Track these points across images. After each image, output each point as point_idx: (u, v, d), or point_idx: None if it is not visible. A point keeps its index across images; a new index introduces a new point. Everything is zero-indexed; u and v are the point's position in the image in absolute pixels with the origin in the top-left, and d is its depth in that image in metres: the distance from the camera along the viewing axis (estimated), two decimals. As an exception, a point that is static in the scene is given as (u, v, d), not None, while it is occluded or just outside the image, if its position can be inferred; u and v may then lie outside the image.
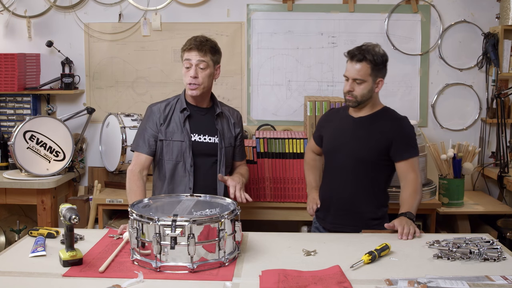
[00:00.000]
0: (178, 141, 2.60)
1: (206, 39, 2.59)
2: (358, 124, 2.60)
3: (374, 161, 2.56)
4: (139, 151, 2.63)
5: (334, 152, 2.65)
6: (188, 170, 2.60)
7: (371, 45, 2.54)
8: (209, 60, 2.56)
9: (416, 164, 2.56)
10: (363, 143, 2.56)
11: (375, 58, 2.51)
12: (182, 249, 1.85)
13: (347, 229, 2.50)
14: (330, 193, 2.66)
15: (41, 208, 3.46)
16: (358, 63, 2.51)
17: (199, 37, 2.59)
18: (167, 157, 2.62)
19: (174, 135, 2.61)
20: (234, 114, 2.76)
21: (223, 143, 2.66)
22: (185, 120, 2.62)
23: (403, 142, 2.54)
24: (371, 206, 2.59)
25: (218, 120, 2.68)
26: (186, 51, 2.57)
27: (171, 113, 2.65)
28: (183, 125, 2.62)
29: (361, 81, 2.51)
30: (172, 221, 1.84)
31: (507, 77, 3.71)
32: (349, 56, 2.55)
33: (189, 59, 2.54)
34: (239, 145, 2.78)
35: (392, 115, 2.63)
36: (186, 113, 2.63)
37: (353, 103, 2.56)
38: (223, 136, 2.66)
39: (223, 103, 2.79)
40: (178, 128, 2.62)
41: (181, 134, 2.61)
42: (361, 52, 2.51)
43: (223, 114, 2.71)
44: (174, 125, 2.62)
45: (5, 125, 3.82)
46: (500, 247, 2.10)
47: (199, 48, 2.53)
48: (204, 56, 2.54)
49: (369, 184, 2.58)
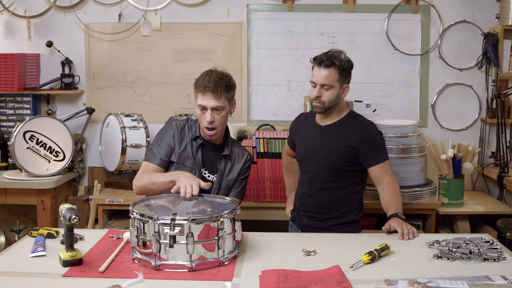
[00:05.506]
0: (189, 168, 2.52)
1: (220, 77, 2.46)
2: (325, 133, 2.61)
3: (344, 168, 2.57)
4: (149, 162, 2.54)
5: (305, 161, 2.68)
6: None
7: (337, 51, 2.56)
8: (224, 101, 2.46)
9: (388, 167, 2.57)
10: (331, 152, 2.57)
11: (343, 64, 2.52)
12: (181, 248, 1.86)
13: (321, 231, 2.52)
14: (305, 198, 2.69)
15: (41, 208, 3.46)
16: (326, 69, 2.51)
17: (213, 74, 2.47)
18: None
19: (187, 161, 2.54)
20: (243, 158, 2.65)
21: (220, 184, 2.57)
22: (198, 149, 2.55)
23: (370, 149, 2.54)
24: (345, 211, 2.61)
25: (222, 160, 2.59)
26: (200, 93, 2.46)
27: (187, 138, 2.57)
28: (196, 154, 2.55)
29: (329, 86, 2.52)
30: (171, 219, 1.85)
31: (507, 77, 3.71)
32: (317, 62, 2.55)
33: (204, 105, 2.45)
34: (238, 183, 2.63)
35: (358, 121, 2.63)
36: (199, 141, 2.56)
37: (320, 109, 2.57)
38: (222, 177, 2.58)
39: (235, 142, 2.70)
40: (190, 155, 2.55)
41: (193, 162, 2.54)
42: (329, 58, 2.51)
43: (230, 157, 2.61)
44: (188, 150, 2.55)
45: (5, 125, 3.82)
46: (500, 247, 2.10)
47: (214, 90, 2.43)
48: (219, 99, 2.44)
49: (343, 189, 2.60)
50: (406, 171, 3.25)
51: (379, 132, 2.64)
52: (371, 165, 2.55)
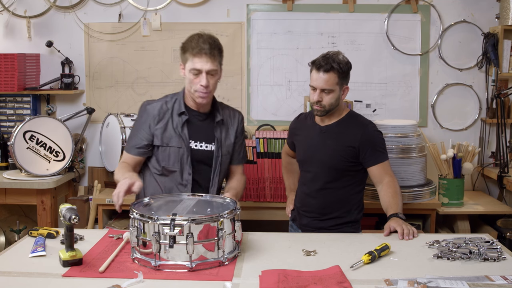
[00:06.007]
0: (175, 147, 2.43)
1: (213, 40, 2.36)
2: (325, 134, 2.61)
3: (345, 168, 2.57)
4: (127, 152, 2.50)
5: (305, 161, 2.68)
6: (186, 179, 2.45)
7: (335, 53, 2.53)
8: (217, 65, 2.37)
9: (388, 167, 2.56)
10: (332, 153, 2.57)
11: (341, 67, 2.50)
12: (181, 248, 1.86)
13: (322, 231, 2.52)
14: (305, 198, 2.68)
15: (41, 208, 3.46)
16: (325, 73, 2.49)
17: (205, 36, 2.35)
18: (163, 164, 2.46)
19: (171, 141, 2.44)
20: (235, 118, 2.58)
21: (220, 151, 2.49)
22: (183, 125, 2.45)
23: (370, 148, 2.54)
24: (346, 211, 2.61)
25: (217, 127, 2.50)
26: (194, 56, 2.32)
27: (168, 115, 2.46)
28: (181, 130, 2.44)
29: (330, 90, 2.51)
30: (171, 220, 1.85)
31: (507, 77, 3.71)
32: (316, 67, 2.52)
33: (199, 68, 2.32)
34: (238, 147, 2.59)
35: (358, 121, 2.62)
36: (185, 117, 2.45)
37: (321, 112, 2.56)
38: (221, 144, 2.50)
39: (223, 105, 2.61)
40: (175, 133, 2.44)
41: (178, 140, 2.44)
42: (328, 62, 2.48)
43: (223, 121, 2.53)
44: (171, 129, 2.45)
45: (5, 125, 3.82)
46: (500, 247, 2.10)
47: (210, 53, 2.31)
48: (214, 62, 2.34)
49: (343, 189, 2.60)
50: (406, 171, 3.26)
51: (379, 132, 2.64)
52: (371, 165, 2.55)
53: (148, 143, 2.46)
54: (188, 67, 2.37)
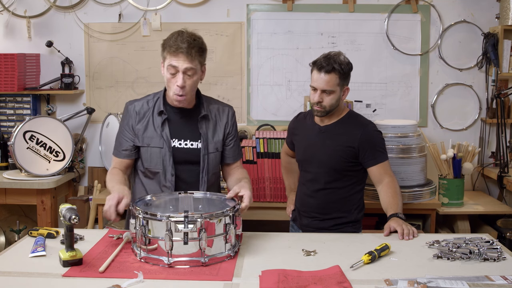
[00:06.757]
0: (156, 148, 2.34)
1: (193, 39, 2.26)
2: (325, 134, 2.61)
3: (345, 168, 2.57)
4: (115, 156, 2.44)
5: (305, 161, 2.68)
6: (169, 180, 2.35)
7: (336, 53, 2.52)
8: (197, 65, 2.26)
9: (388, 167, 2.56)
10: (331, 153, 2.57)
11: (343, 68, 2.49)
12: (193, 244, 1.90)
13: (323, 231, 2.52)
14: (305, 199, 2.68)
15: (41, 208, 3.46)
16: (327, 74, 2.48)
17: (185, 35, 2.26)
18: (146, 165, 2.38)
19: (152, 141, 2.35)
20: (224, 113, 2.46)
21: (207, 149, 2.38)
22: (163, 124, 2.35)
23: (370, 149, 2.54)
24: (346, 210, 2.61)
25: (202, 123, 2.39)
26: (171, 54, 2.24)
27: (149, 115, 2.37)
28: (162, 130, 2.34)
29: (330, 91, 2.50)
30: (184, 217, 1.89)
31: (507, 77, 3.71)
32: (317, 67, 2.51)
33: (175, 66, 2.24)
34: (231, 145, 2.47)
35: (357, 121, 2.62)
36: (164, 116, 2.35)
37: (321, 113, 2.56)
38: (207, 141, 2.38)
39: (212, 100, 2.49)
40: (156, 133, 2.35)
41: (159, 140, 2.34)
42: (329, 63, 2.47)
43: (209, 116, 2.41)
44: (152, 129, 2.36)
45: (5, 125, 3.82)
46: (500, 247, 2.10)
47: (187, 52, 2.22)
48: (192, 62, 2.24)
49: (343, 189, 2.60)
50: (406, 171, 3.26)
51: (379, 132, 2.63)
52: (371, 165, 2.55)
53: (133, 144, 2.40)
54: (165, 65, 2.30)
